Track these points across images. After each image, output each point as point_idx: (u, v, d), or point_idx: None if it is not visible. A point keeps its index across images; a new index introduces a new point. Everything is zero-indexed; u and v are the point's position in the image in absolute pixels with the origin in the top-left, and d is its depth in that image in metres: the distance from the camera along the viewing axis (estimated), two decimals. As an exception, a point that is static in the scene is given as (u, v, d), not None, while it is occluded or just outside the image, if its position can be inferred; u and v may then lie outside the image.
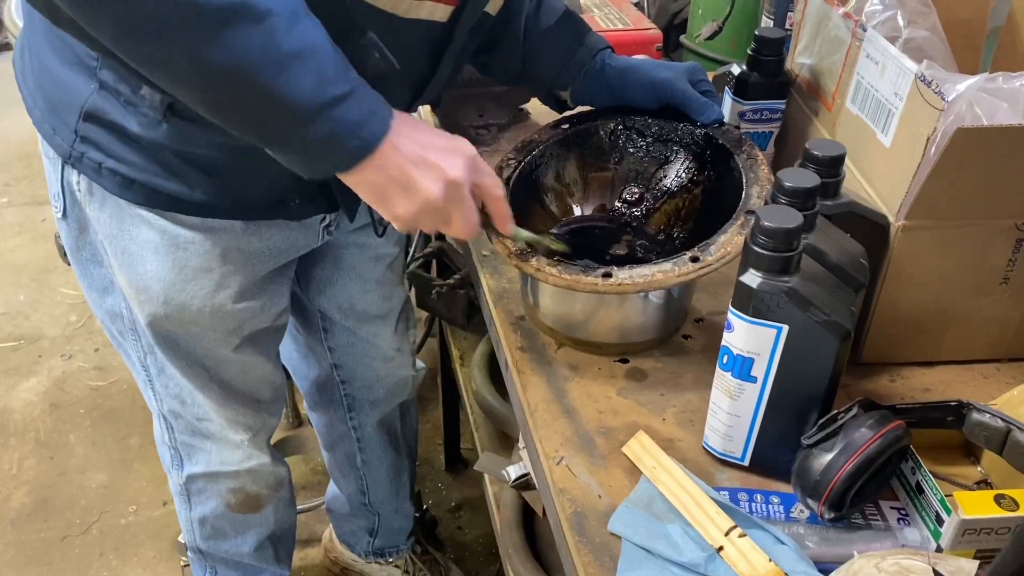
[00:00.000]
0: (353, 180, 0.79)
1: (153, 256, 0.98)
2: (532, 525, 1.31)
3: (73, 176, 0.95)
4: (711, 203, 0.95)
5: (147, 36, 0.67)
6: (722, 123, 0.98)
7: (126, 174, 0.91)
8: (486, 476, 1.45)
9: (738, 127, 1.06)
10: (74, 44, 0.86)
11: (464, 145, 0.82)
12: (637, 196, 1.02)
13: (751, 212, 0.85)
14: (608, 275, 0.84)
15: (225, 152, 0.90)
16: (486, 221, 0.87)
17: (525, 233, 0.89)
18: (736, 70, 1.09)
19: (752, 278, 0.71)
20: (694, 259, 0.83)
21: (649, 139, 1.02)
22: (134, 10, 0.65)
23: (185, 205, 0.94)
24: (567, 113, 1.08)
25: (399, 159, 0.77)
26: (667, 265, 0.83)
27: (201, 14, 0.65)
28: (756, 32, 1.05)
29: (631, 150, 1.03)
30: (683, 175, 1.00)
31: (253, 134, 0.77)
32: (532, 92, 1.13)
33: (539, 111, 1.38)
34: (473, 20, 0.90)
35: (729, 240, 0.83)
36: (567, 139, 1.03)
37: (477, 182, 0.82)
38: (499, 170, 0.99)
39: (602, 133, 1.03)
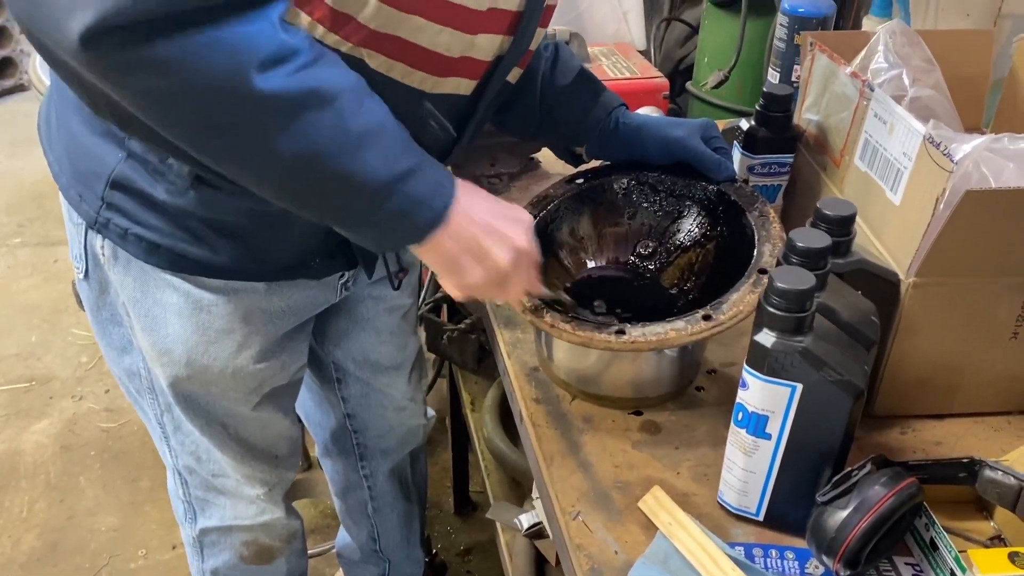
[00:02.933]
0: (426, 250, 0.80)
1: (176, 319, 0.99)
2: (544, 574, 1.31)
3: (97, 241, 0.96)
4: (724, 258, 0.97)
5: (221, 133, 0.68)
6: (735, 180, 0.99)
7: (152, 240, 0.92)
8: (497, 523, 1.45)
9: (747, 181, 1.08)
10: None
11: (523, 213, 0.85)
12: (651, 250, 1.04)
13: (763, 271, 0.86)
14: (622, 332, 0.85)
15: (251, 218, 0.92)
16: None
17: (548, 292, 0.91)
18: (745, 125, 1.11)
19: (766, 338, 0.72)
20: (706, 317, 0.84)
21: (662, 195, 1.04)
22: (209, 111, 0.66)
23: (210, 269, 0.95)
24: (581, 168, 1.10)
25: (472, 228, 0.79)
26: (680, 323, 0.84)
27: (274, 106, 0.67)
28: (764, 89, 1.07)
29: (645, 205, 1.04)
30: (696, 231, 1.02)
31: (326, 216, 0.78)
32: (548, 147, 1.15)
33: (549, 160, 1.41)
34: (495, 91, 0.92)
35: (741, 299, 0.85)
36: (581, 194, 1.05)
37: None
38: None
39: (616, 188, 1.05)
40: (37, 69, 1.65)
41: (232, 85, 0.65)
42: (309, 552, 1.52)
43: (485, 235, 0.80)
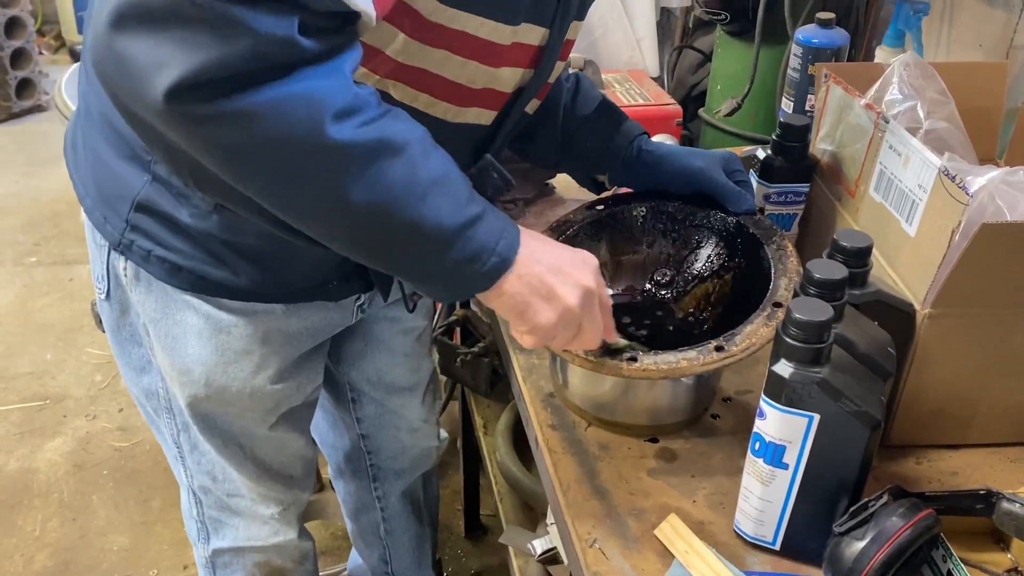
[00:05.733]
0: (494, 295, 0.79)
1: (196, 340, 1.00)
2: (557, 600, 1.31)
3: (120, 262, 0.98)
4: (741, 290, 0.97)
5: (297, 184, 0.69)
6: (754, 212, 1.00)
7: (174, 261, 0.94)
8: (510, 548, 1.45)
9: (762, 210, 1.09)
10: (129, 138, 0.89)
11: (588, 256, 0.84)
12: (668, 279, 1.04)
13: (778, 304, 0.87)
14: (633, 360, 0.86)
15: (272, 241, 0.92)
16: None
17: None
18: (762, 153, 1.12)
19: (784, 368, 0.72)
20: (719, 348, 0.84)
21: (682, 224, 1.04)
22: (286, 162, 0.68)
23: (230, 290, 0.97)
24: (603, 195, 1.11)
25: (539, 269, 0.79)
26: (692, 353, 0.85)
27: (348, 155, 0.68)
28: (781, 119, 1.08)
29: (663, 234, 1.05)
30: (714, 261, 1.02)
31: (396, 267, 0.79)
32: (570, 175, 1.16)
33: (564, 186, 1.42)
34: (515, 123, 0.94)
35: (755, 331, 0.85)
36: (600, 220, 1.06)
37: (599, 292, 0.84)
38: None
39: (635, 216, 1.06)
40: (63, 92, 1.68)
41: (308, 136, 0.66)
42: (321, 574, 1.53)
43: (552, 275, 0.79)
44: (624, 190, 1.11)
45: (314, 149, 0.67)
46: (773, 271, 0.91)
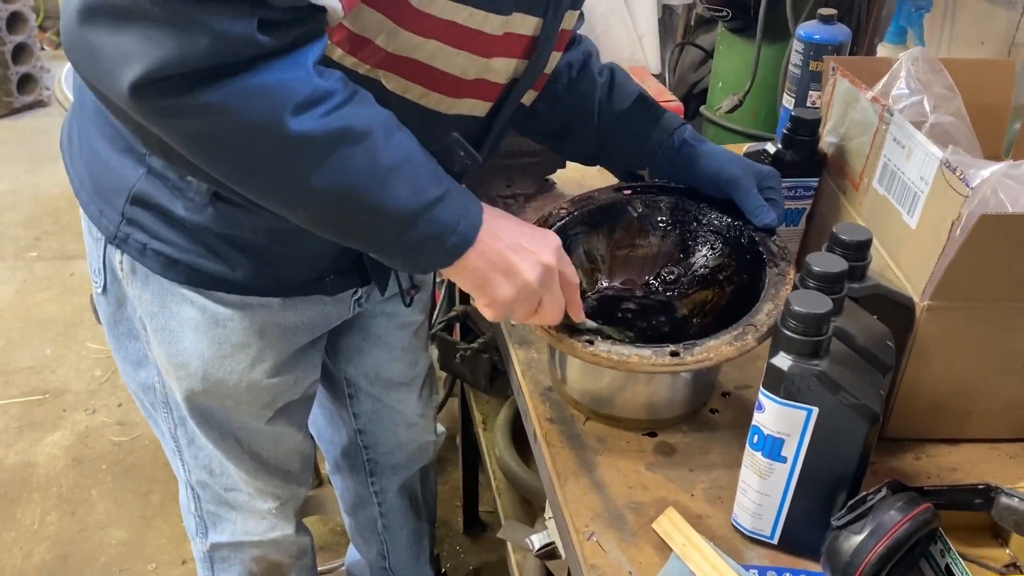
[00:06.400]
0: (456, 271, 0.82)
1: (193, 333, 1.00)
2: (555, 595, 1.31)
3: (116, 255, 0.98)
4: (734, 305, 0.95)
5: (260, 172, 0.72)
6: (774, 231, 0.98)
7: (170, 255, 0.94)
8: (508, 543, 1.45)
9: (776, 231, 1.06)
10: (125, 131, 0.89)
11: (550, 235, 0.86)
12: (674, 277, 1.03)
13: (752, 326, 0.85)
14: (590, 343, 0.86)
15: (267, 235, 0.93)
16: None
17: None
18: (771, 148, 1.11)
19: (783, 361, 0.72)
20: (674, 353, 0.83)
21: (700, 226, 1.03)
22: (248, 152, 0.70)
23: (226, 284, 0.97)
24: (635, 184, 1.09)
25: (499, 246, 0.81)
26: (647, 352, 0.84)
27: (308, 146, 0.70)
28: (793, 113, 1.06)
29: (680, 231, 1.04)
30: (720, 272, 1.01)
31: (358, 242, 0.81)
32: (609, 170, 1.14)
33: (564, 182, 1.42)
34: (510, 114, 0.93)
35: (716, 347, 0.84)
36: (622, 204, 1.04)
37: (560, 270, 0.85)
38: (548, 216, 1.01)
39: (656, 207, 1.04)
40: (62, 85, 1.67)
41: (269, 128, 0.68)
42: (319, 569, 1.52)
43: (511, 251, 0.82)
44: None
45: (275, 140, 0.69)
46: (764, 294, 0.89)
